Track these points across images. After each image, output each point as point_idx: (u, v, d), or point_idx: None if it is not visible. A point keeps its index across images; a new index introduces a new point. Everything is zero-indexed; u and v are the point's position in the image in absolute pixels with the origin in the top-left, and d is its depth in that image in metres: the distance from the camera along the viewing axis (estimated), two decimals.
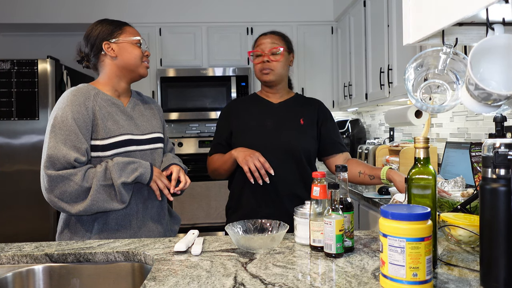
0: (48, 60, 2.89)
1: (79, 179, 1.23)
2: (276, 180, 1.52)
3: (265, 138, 1.56)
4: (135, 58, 1.39)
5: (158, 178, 1.34)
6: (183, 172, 1.41)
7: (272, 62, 1.56)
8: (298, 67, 3.75)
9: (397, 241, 0.76)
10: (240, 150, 1.47)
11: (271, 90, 1.65)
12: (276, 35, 1.62)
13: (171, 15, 3.68)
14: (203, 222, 3.39)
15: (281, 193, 1.53)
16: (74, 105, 1.29)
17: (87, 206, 1.23)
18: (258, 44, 1.60)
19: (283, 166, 1.54)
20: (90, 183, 1.24)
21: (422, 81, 1.02)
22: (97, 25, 1.40)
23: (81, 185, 1.23)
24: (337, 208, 0.99)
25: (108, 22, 1.40)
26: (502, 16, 0.84)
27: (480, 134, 2.13)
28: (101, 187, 1.24)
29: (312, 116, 1.65)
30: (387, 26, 2.63)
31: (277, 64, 1.57)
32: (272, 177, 1.48)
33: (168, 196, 1.36)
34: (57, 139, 1.25)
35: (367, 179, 1.55)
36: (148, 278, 0.88)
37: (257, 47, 1.60)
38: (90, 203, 1.23)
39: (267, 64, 1.56)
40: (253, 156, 1.41)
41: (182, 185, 1.38)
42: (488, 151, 0.79)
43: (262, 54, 1.58)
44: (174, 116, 3.55)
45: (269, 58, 1.56)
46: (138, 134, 1.39)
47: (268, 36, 1.60)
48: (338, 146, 1.66)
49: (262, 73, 1.58)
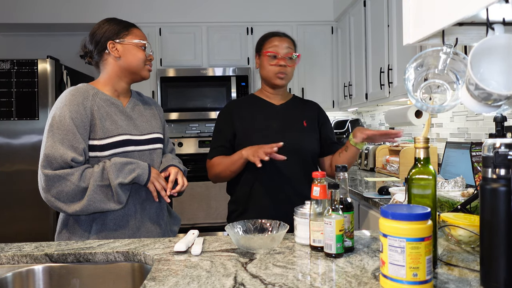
0: (48, 60, 2.89)
1: (76, 179, 1.22)
2: (284, 181, 1.52)
3: (272, 140, 1.53)
4: (138, 61, 1.39)
5: (155, 180, 1.34)
6: (181, 174, 1.40)
7: (288, 67, 1.56)
8: (298, 67, 3.75)
9: (397, 241, 0.76)
10: (248, 148, 1.44)
11: (275, 92, 1.65)
12: (290, 39, 1.61)
13: (171, 15, 3.68)
14: (203, 222, 3.39)
15: (290, 195, 1.53)
16: (72, 105, 1.29)
17: (84, 206, 1.23)
18: (272, 44, 1.57)
19: (291, 168, 1.54)
20: (87, 183, 1.24)
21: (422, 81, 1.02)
22: (105, 23, 1.39)
23: (77, 185, 1.23)
24: (337, 208, 0.99)
25: (116, 21, 1.40)
26: (502, 16, 0.84)
27: (480, 134, 2.13)
28: (98, 187, 1.24)
29: (313, 118, 1.68)
30: (387, 26, 2.63)
31: (291, 69, 1.59)
32: (280, 178, 1.48)
33: (165, 197, 1.35)
34: (55, 138, 1.25)
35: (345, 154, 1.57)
36: (148, 278, 0.88)
37: (271, 47, 1.57)
38: (86, 203, 1.23)
39: (283, 68, 1.55)
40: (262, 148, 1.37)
41: (179, 188, 1.38)
42: (488, 151, 0.79)
43: (277, 55, 1.56)
44: (174, 116, 3.55)
45: (287, 63, 1.56)
46: (136, 135, 1.39)
47: (282, 38, 1.58)
48: (335, 146, 1.72)
49: (277, 76, 1.57)
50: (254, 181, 1.55)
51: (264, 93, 1.67)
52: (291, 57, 1.57)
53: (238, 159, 1.48)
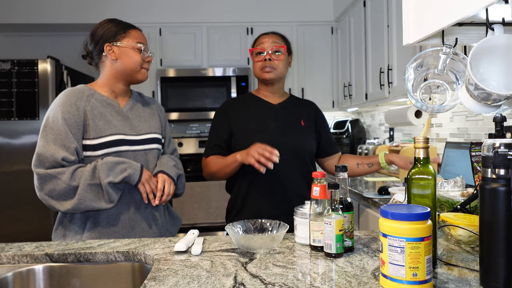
0: (48, 60, 2.89)
1: (67, 178, 1.24)
2: (282, 181, 1.52)
3: (269, 139, 1.53)
4: (134, 63, 1.39)
5: (146, 181, 1.34)
6: (168, 182, 1.38)
7: (274, 61, 1.57)
8: (298, 67, 3.75)
9: (397, 241, 0.76)
10: (242, 152, 1.44)
11: (270, 89, 1.64)
12: (277, 35, 1.62)
13: (171, 15, 3.68)
14: (203, 222, 3.39)
15: (288, 194, 1.53)
16: (65, 106, 1.31)
17: (75, 205, 1.25)
18: (260, 42, 1.60)
19: (289, 167, 1.54)
20: (77, 182, 1.25)
21: (422, 81, 1.02)
22: (104, 24, 1.40)
23: (68, 183, 1.24)
24: (337, 208, 0.99)
25: (115, 23, 1.40)
26: (502, 16, 0.84)
27: (480, 134, 2.13)
28: (88, 186, 1.26)
29: (311, 117, 1.67)
30: (387, 26, 2.63)
31: (279, 63, 1.57)
32: (278, 178, 1.48)
33: (152, 201, 1.36)
34: (48, 138, 1.28)
35: (366, 167, 1.63)
36: (148, 278, 0.88)
37: (258, 45, 1.60)
38: (77, 201, 1.25)
39: (268, 63, 1.56)
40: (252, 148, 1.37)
41: (164, 197, 1.37)
42: (488, 151, 0.79)
43: (263, 52, 1.57)
44: (174, 116, 3.55)
45: (271, 57, 1.56)
46: (132, 135, 1.39)
47: (270, 35, 1.60)
48: (334, 146, 1.73)
49: (263, 71, 1.58)
50: (251, 180, 1.55)
51: (261, 92, 1.67)
52: (277, 50, 1.57)
53: (232, 162, 1.47)
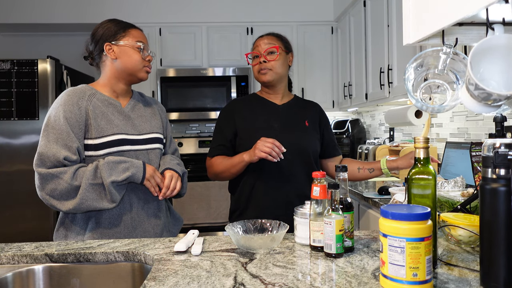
0: (48, 60, 2.89)
1: (69, 177, 1.24)
2: (287, 181, 1.52)
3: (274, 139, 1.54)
4: (134, 62, 1.39)
5: (151, 177, 1.34)
6: (175, 178, 1.40)
7: (269, 62, 1.56)
8: (298, 67, 3.75)
9: (397, 241, 0.76)
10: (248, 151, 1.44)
11: (271, 91, 1.64)
12: (272, 35, 1.62)
13: (171, 15, 3.68)
14: (203, 222, 3.39)
15: (292, 194, 1.53)
16: (67, 105, 1.30)
17: (77, 205, 1.24)
18: (255, 46, 1.61)
19: (293, 168, 1.54)
20: (79, 182, 1.25)
21: (422, 81, 1.02)
22: (104, 24, 1.40)
23: (70, 183, 1.24)
24: (337, 208, 0.99)
25: (115, 23, 1.40)
26: (502, 16, 0.84)
27: (480, 134, 2.13)
28: (90, 186, 1.25)
29: (315, 118, 1.68)
30: (387, 26, 2.63)
31: (275, 63, 1.56)
32: (283, 178, 1.48)
33: (158, 195, 1.37)
34: (49, 138, 1.27)
35: (367, 173, 1.63)
36: (148, 278, 0.88)
37: (254, 49, 1.61)
38: (79, 201, 1.24)
39: (264, 64, 1.56)
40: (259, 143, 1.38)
41: (169, 192, 1.37)
42: (488, 151, 0.79)
43: (258, 55, 1.58)
44: (174, 116, 3.55)
45: (266, 58, 1.56)
46: (133, 134, 1.39)
47: (264, 37, 1.61)
48: (337, 148, 1.73)
49: (260, 73, 1.58)
50: (255, 180, 1.55)
51: (264, 93, 1.67)
52: (271, 51, 1.57)
53: (239, 162, 1.47)
